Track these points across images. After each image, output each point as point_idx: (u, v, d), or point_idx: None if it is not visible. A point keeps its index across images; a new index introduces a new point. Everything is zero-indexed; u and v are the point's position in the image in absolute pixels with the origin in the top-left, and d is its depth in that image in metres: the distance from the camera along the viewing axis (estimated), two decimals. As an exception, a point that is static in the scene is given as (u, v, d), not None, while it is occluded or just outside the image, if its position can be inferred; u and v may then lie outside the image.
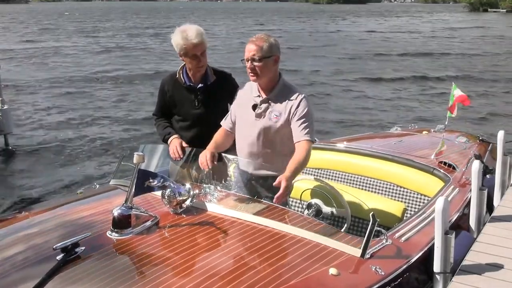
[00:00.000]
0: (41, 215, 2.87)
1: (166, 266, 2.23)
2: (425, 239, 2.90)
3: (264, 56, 2.98)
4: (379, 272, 2.41)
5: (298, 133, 3.00)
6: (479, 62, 21.40)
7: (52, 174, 7.71)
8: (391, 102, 13.65)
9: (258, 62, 2.98)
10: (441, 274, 2.83)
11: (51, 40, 30.22)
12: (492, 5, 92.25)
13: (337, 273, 2.30)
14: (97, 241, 2.41)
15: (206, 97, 3.50)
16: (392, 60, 21.87)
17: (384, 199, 3.90)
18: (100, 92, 14.41)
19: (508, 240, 3.38)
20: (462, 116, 11.60)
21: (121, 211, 2.51)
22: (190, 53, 3.34)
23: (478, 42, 30.79)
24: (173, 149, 3.35)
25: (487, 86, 16.03)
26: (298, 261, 2.35)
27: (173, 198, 2.71)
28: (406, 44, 29.04)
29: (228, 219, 2.72)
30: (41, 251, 2.34)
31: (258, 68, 2.99)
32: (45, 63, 20.09)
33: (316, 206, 3.19)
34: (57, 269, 2.17)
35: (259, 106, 3.10)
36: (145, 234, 2.51)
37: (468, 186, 3.87)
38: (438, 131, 5.40)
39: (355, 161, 4.31)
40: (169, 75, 3.62)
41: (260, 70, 2.99)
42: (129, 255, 2.35)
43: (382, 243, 2.65)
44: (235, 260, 2.35)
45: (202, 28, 3.46)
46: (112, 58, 21.96)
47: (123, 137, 9.85)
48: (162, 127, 3.60)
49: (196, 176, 3.26)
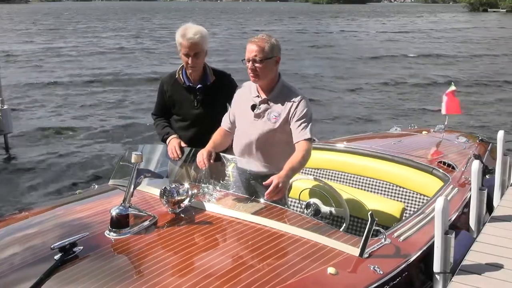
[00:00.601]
0: (40, 215, 2.87)
1: (164, 265, 2.22)
2: (424, 238, 2.90)
3: (266, 57, 2.97)
4: (378, 271, 2.40)
5: (297, 134, 3.00)
6: (481, 62, 21.41)
7: (52, 174, 7.72)
8: (391, 102, 13.66)
9: (259, 63, 2.97)
10: (441, 274, 2.83)
11: (51, 40, 30.23)
12: (492, 5, 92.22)
13: (335, 272, 2.30)
14: (95, 240, 2.41)
15: (205, 97, 3.50)
16: (393, 60, 21.87)
17: (383, 199, 3.90)
18: (100, 92, 14.41)
19: (508, 240, 3.37)
20: (462, 116, 11.62)
21: (119, 211, 2.51)
22: (184, 50, 3.35)
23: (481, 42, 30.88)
24: (171, 149, 3.35)
25: (488, 86, 16.05)
26: (296, 261, 2.35)
27: (171, 197, 2.70)
28: (408, 44, 29.08)
29: (226, 218, 2.72)
30: (39, 251, 2.33)
31: (259, 69, 2.98)
32: (45, 63, 20.08)
33: (314, 206, 3.19)
34: (55, 268, 2.17)
35: (258, 106, 3.10)
36: (143, 234, 2.51)
37: (467, 186, 3.87)
38: (437, 131, 5.40)
39: (354, 161, 4.31)
40: (169, 75, 3.63)
41: (261, 71, 2.99)
42: (127, 254, 2.35)
43: (381, 243, 2.65)
44: (232, 259, 2.35)
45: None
46: (112, 59, 21.98)
47: (123, 137, 9.86)
48: (161, 127, 3.59)
49: (195, 176, 3.26)
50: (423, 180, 3.98)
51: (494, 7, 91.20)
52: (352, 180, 4.27)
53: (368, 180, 4.19)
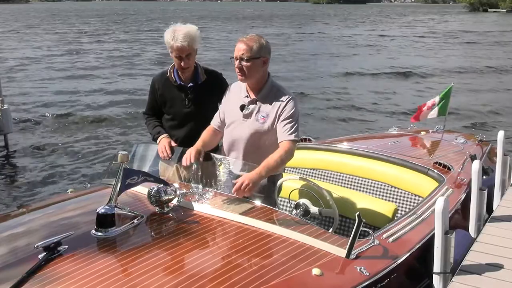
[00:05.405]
0: (28, 214, 2.87)
1: (149, 265, 2.21)
2: (414, 239, 2.88)
3: (253, 56, 2.96)
4: (364, 273, 2.39)
5: (281, 133, 3.00)
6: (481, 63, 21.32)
7: (51, 174, 7.72)
8: (391, 102, 13.62)
9: (246, 62, 2.97)
10: (441, 274, 2.82)
11: (51, 40, 30.36)
12: (492, 5, 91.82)
13: (320, 273, 2.28)
14: (80, 240, 2.39)
15: (196, 96, 3.49)
16: (394, 61, 21.80)
17: (375, 200, 3.88)
18: (99, 92, 14.44)
19: (508, 240, 3.37)
20: (463, 116, 11.57)
21: (105, 210, 2.50)
22: (175, 53, 3.35)
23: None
24: (161, 148, 3.34)
25: (488, 86, 15.99)
26: (282, 261, 2.34)
27: (159, 197, 2.69)
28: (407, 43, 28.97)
29: (214, 218, 2.70)
30: (23, 250, 2.32)
31: (246, 68, 2.98)
32: (45, 64, 20.15)
33: (304, 206, 3.17)
34: (38, 267, 2.16)
35: (247, 107, 3.10)
36: (130, 233, 2.50)
37: (462, 186, 3.84)
38: (436, 132, 5.37)
39: (350, 162, 4.29)
40: (160, 74, 3.62)
41: (248, 70, 2.99)
42: (112, 254, 2.33)
43: (369, 244, 2.63)
44: (218, 259, 2.34)
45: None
46: (111, 58, 22.04)
47: (122, 137, 9.87)
48: (152, 126, 3.59)
49: (185, 175, 3.25)
50: (418, 181, 3.96)
51: (494, 7, 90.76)
52: (347, 181, 4.25)
53: (363, 180, 4.17)
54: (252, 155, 3.08)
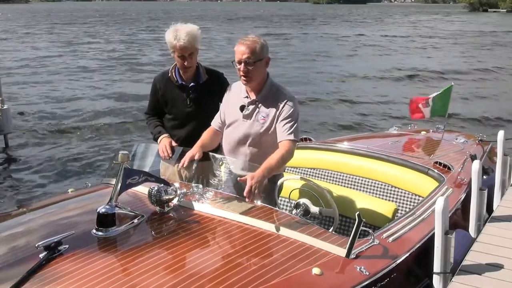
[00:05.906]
0: (29, 213, 2.88)
1: (149, 264, 2.22)
2: (414, 239, 2.88)
3: (258, 58, 2.96)
4: (364, 272, 2.39)
5: (281, 133, 3.00)
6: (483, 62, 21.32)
7: (51, 174, 7.73)
8: (390, 102, 13.61)
9: (251, 66, 2.95)
10: (441, 274, 2.82)
11: (51, 40, 30.36)
12: (492, 5, 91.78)
13: (320, 273, 2.29)
14: (81, 239, 2.40)
15: (198, 96, 3.49)
16: (394, 61, 21.79)
17: (375, 199, 3.88)
18: (99, 92, 14.43)
19: (508, 240, 3.37)
20: (463, 116, 11.57)
21: (106, 210, 2.50)
22: (177, 52, 3.35)
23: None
24: (162, 148, 3.34)
25: (488, 86, 15.99)
26: (282, 261, 2.34)
27: (160, 197, 2.70)
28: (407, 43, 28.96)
29: (214, 218, 2.71)
30: (24, 250, 2.33)
31: (252, 71, 2.96)
32: (45, 64, 20.15)
33: (304, 206, 3.17)
34: (39, 267, 2.17)
35: (247, 107, 3.10)
36: (130, 233, 2.51)
37: (462, 186, 3.84)
38: (436, 132, 5.37)
39: (350, 161, 4.30)
40: (161, 74, 3.62)
41: (253, 73, 2.98)
42: (113, 253, 2.34)
43: (369, 243, 2.63)
44: (218, 259, 2.35)
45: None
46: (113, 59, 22.04)
47: (122, 137, 9.86)
48: (153, 126, 3.59)
49: (186, 175, 3.25)
50: (418, 180, 3.96)
51: (494, 7, 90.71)
52: (347, 180, 4.25)
53: (363, 180, 4.17)
54: (252, 156, 3.08)
